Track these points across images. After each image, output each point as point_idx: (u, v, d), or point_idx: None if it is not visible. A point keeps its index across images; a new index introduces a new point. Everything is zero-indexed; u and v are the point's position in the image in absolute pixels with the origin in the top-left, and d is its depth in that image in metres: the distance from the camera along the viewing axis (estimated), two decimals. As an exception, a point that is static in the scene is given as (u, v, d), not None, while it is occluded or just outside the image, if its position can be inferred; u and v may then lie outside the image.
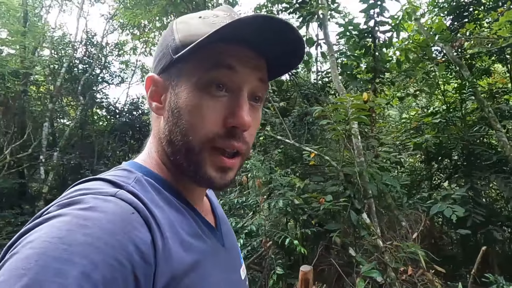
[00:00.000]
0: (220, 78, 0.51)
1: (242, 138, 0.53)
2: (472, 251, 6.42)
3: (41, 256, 0.34)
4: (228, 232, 0.67)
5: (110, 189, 0.46)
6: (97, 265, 0.36)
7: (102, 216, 0.40)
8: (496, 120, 4.53)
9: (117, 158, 9.03)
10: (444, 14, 6.72)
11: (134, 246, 0.40)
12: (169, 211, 0.50)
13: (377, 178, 3.41)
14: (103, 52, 9.10)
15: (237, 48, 0.51)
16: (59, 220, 0.39)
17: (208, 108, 0.51)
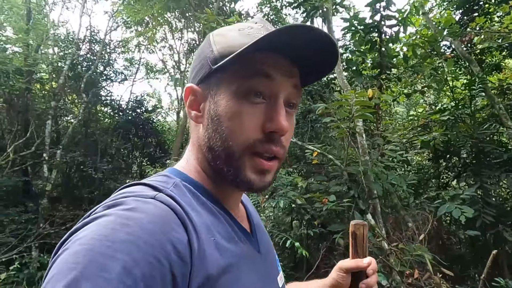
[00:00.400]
0: (258, 86, 0.54)
1: (280, 142, 0.55)
2: (481, 251, 6.27)
3: (89, 252, 0.38)
4: (264, 239, 0.68)
5: (150, 192, 0.49)
6: (137, 262, 0.38)
7: (142, 217, 0.43)
8: (507, 117, 4.37)
9: (121, 156, 9.03)
10: (453, 8, 6.53)
11: (172, 245, 0.42)
12: (205, 215, 0.52)
13: (382, 177, 3.29)
14: (107, 49, 9.05)
15: (273, 57, 0.54)
16: (104, 220, 0.42)
17: (247, 114, 0.53)
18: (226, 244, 0.52)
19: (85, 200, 7.91)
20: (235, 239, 0.55)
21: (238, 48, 0.51)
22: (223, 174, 0.56)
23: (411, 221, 3.60)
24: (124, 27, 9.20)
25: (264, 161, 0.55)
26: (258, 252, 0.61)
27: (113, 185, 8.07)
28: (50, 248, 6.78)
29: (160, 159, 8.24)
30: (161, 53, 15.48)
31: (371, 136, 4.00)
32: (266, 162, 0.55)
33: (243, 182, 0.55)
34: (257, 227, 0.69)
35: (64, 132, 8.18)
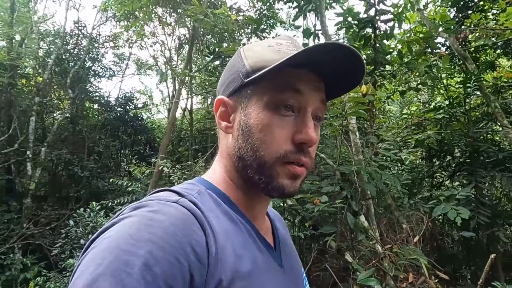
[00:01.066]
0: (288, 100, 0.56)
1: (308, 153, 0.58)
2: (474, 251, 6.23)
3: (114, 249, 0.41)
4: (289, 255, 0.69)
5: (174, 197, 0.52)
6: (158, 260, 0.41)
7: (165, 219, 0.46)
8: (503, 116, 4.28)
9: (109, 154, 8.79)
10: (448, 6, 6.45)
11: (191, 247, 0.45)
12: (225, 222, 0.54)
13: (376, 177, 3.16)
14: (95, 44, 8.79)
15: (303, 72, 0.57)
16: (130, 220, 0.46)
17: (277, 126, 0.56)
18: (243, 252, 0.53)
19: (71, 199, 7.69)
20: (254, 249, 0.56)
21: (269, 63, 0.55)
22: (254, 182, 0.58)
23: (405, 222, 3.49)
24: (113, 20, 8.95)
25: (296, 167, 0.57)
26: (280, 266, 0.62)
27: (101, 183, 7.86)
28: (34, 249, 6.56)
29: (149, 157, 8.04)
30: (152, 49, 15.26)
31: (365, 134, 3.87)
32: (298, 168, 0.57)
33: (275, 188, 0.57)
34: (283, 243, 0.69)
35: (50, 129, 7.92)
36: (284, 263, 0.63)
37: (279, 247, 0.66)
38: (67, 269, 4.14)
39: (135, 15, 8.04)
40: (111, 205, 4.16)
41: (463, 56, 4.82)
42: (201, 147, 7.09)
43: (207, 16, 3.69)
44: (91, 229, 4.04)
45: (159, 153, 5.01)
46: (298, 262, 0.73)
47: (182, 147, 7.41)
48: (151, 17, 7.09)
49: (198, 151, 6.27)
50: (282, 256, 0.64)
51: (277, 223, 0.74)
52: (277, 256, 0.63)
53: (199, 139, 7.99)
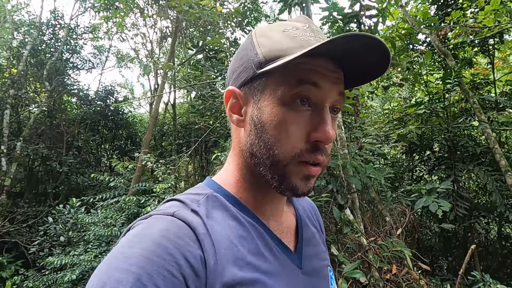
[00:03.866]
0: (304, 94, 0.52)
1: (325, 151, 0.54)
2: (450, 242, 6.45)
3: (108, 268, 0.42)
4: (314, 256, 0.65)
5: (172, 209, 0.51)
6: (151, 274, 0.40)
7: (156, 232, 0.46)
8: (480, 111, 4.42)
9: (89, 149, 8.55)
10: (429, 3, 6.58)
11: (185, 259, 0.44)
12: (231, 228, 0.53)
13: (361, 171, 3.21)
14: (73, 35, 8.48)
15: (321, 63, 0.52)
16: (124, 239, 0.47)
17: (292, 123, 0.53)
18: (250, 258, 0.51)
19: (49, 196, 7.44)
20: (263, 253, 0.54)
21: (284, 52, 0.52)
22: (267, 180, 0.56)
23: (388, 215, 3.56)
24: (92, 11, 8.65)
25: (311, 167, 0.54)
26: (300, 268, 0.60)
27: (81, 179, 7.64)
28: (10, 247, 6.33)
29: (131, 152, 7.87)
30: (133, 41, 14.89)
31: (349, 129, 3.91)
32: (313, 168, 0.54)
33: (288, 188, 0.55)
34: (307, 242, 0.66)
35: (26, 122, 7.62)
36: (305, 264, 0.61)
37: (301, 247, 0.63)
38: (46, 267, 4.01)
39: (115, 6, 7.81)
40: (92, 201, 4.04)
41: (444, 53, 4.93)
42: (185, 142, 7.00)
43: (192, 7, 3.61)
44: (71, 226, 3.92)
45: (142, 148, 4.89)
46: (324, 261, 0.70)
47: (165, 141, 7.29)
48: (132, 8, 6.89)
49: (182, 146, 6.17)
50: (303, 256, 0.62)
51: (307, 220, 0.72)
52: (296, 257, 0.61)
53: (182, 134, 7.89)
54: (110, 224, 3.60)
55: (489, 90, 6.10)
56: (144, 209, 3.49)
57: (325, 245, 0.77)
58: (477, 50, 6.46)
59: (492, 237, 7.08)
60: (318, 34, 0.56)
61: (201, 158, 7.53)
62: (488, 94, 5.90)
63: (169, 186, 3.43)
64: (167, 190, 3.44)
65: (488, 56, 6.29)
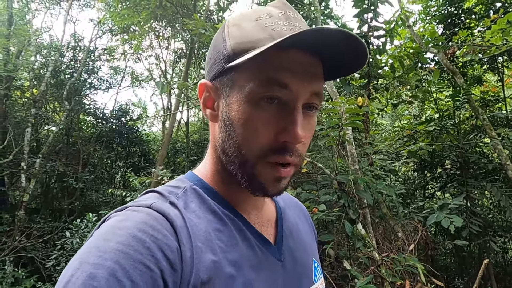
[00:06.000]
0: (272, 94, 0.49)
1: (295, 151, 0.52)
2: (466, 262, 6.32)
3: (82, 263, 0.40)
4: (295, 248, 0.64)
5: (150, 200, 0.50)
6: (126, 269, 0.39)
7: (133, 225, 0.44)
8: (491, 128, 4.45)
9: (104, 166, 8.76)
10: (436, 23, 6.72)
11: (162, 253, 0.42)
12: (208, 221, 0.51)
13: (372, 186, 3.26)
14: (91, 56, 8.88)
15: (293, 58, 0.49)
16: (99, 231, 0.45)
17: (260, 122, 0.50)
18: (227, 252, 0.50)
19: (65, 211, 7.61)
20: (241, 247, 0.53)
21: (254, 45, 0.49)
22: (237, 178, 0.54)
23: (400, 231, 3.57)
24: (109, 34, 9.07)
25: (280, 169, 0.52)
26: (279, 260, 0.58)
27: (95, 195, 7.81)
28: (26, 262, 6.45)
29: (144, 169, 8.04)
30: (147, 62, 15.39)
31: (359, 145, 3.98)
32: (282, 169, 0.52)
33: (258, 188, 0.54)
34: (288, 235, 0.65)
35: (44, 140, 7.90)
36: (285, 257, 0.60)
37: (281, 239, 0.62)
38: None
39: (131, 29, 8.17)
40: (109, 216, 4.16)
41: (452, 71, 5.01)
42: (198, 159, 7.15)
43: (207, 30, 3.81)
44: (89, 240, 4.03)
45: (158, 164, 5.04)
46: (307, 252, 0.68)
47: (179, 158, 7.45)
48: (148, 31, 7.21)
49: (195, 162, 6.31)
50: (284, 248, 0.61)
51: (288, 211, 0.71)
52: (276, 249, 0.59)
53: (194, 151, 8.06)
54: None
55: (499, 107, 6.12)
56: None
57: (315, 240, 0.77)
58: (486, 68, 6.52)
59: (510, 257, 6.92)
60: (293, 22, 0.52)
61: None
62: (499, 111, 5.92)
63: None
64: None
65: (498, 73, 6.34)
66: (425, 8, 6.83)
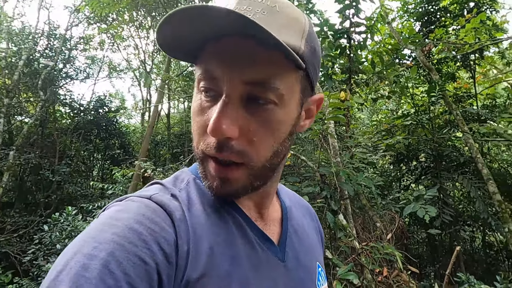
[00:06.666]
0: (206, 86, 0.48)
1: (229, 147, 0.47)
2: (438, 250, 6.66)
3: (76, 253, 0.38)
4: (300, 250, 0.61)
5: (151, 192, 0.49)
6: (121, 261, 0.38)
7: (130, 216, 0.43)
8: (463, 123, 4.67)
9: (81, 158, 8.54)
10: (413, 20, 6.93)
11: (158, 245, 0.41)
12: (207, 215, 0.50)
13: (353, 178, 3.37)
14: (67, 45, 8.56)
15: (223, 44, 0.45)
16: (96, 221, 0.44)
17: (200, 115, 0.49)
18: (224, 248, 0.48)
19: (40, 205, 7.39)
20: (240, 244, 0.50)
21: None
22: None
23: (379, 221, 3.72)
24: (86, 23, 8.78)
25: (217, 167, 0.48)
26: (282, 261, 0.56)
27: (73, 188, 7.62)
28: (0, 257, 6.25)
29: (124, 162, 7.90)
30: (125, 52, 15.00)
31: (341, 138, 4.09)
32: (221, 168, 0.48)
33: (207, 186, 0.51)
34: (293, 235, 0.62)
35: (18, 132, 7.60)
36: (288, 257, 0.57)
37: (284, 239, 0.59)
38: (42, 276, 4.02)
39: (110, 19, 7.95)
40: (90, 209, 4.09)
41: (428, 67, 5.20)
42: (181, 151, 7.10)
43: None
44: (69, 233, 3.96)
45: (139, 156, 4.99)
46: (312, 255, 0.66)
47: (162, 150, 7.37)
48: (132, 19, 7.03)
49: (178, 155, 6.26)
50: (287, 249, 0.58)
51: (295, 210, 0.68)
52: (278, 249, 0.57)
53: (175, 143, 7.98)
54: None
55: (471, 103, 6.42)
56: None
57: (320, 243, 0.74)
58: (459, 65, 6.80)
59: (477, 245, 7.33)
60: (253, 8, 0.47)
61: (194, 167, 7.61)
62: (471, 107, 6.21)
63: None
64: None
65: (470, 70, 6.62)
66: (403, 5, 7.01)
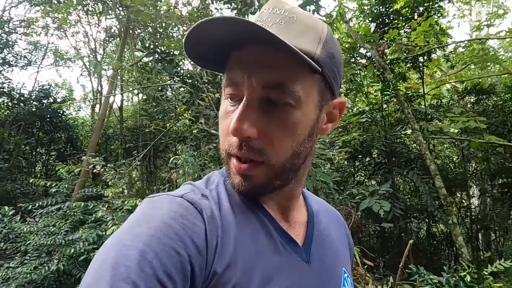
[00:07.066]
0: (230, 93, 0.53)
1: (249, 146, 0.51)
2: (387, 242, 7.01)
3: (116, 244, 0.43)
4: (325, 254, 0.63)
5: (183, 191, 0.53)
6: (157, 252, 0.41)
7: (164, 212, 0.47)
8: (414, 121, 4.90)
9: (21, 152, 7.81)
10: (369, 21, 7.16)
11: (190, 239, 0.45)
12: (234, 214, 0.53)
13: (312, 174, 3.38)
14: (4, 28, 7.74)
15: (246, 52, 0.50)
16: (133, 216, 0.48)
17: (225, 118, 0.54)
18: (249, 242, 0.51)
19: (-28, 205, 6.64)
20: (265, 243, 0.53)
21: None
22: None
23: (336, 216, 3.78)
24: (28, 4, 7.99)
25: (238, 164, 0.52)
26: (306, 262, 0.58)
27: (11, 186, 6.94)
28: None
29: (71, 157, 7.35)
30: (73, 39, 13.99)
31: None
32: (239, 164, 0.52)
33: (231, 184, 0.55)
34: (318, 238, 0.64)
35: None
36: (313, 259, 0.59)
37: (310, 242, 0.61)
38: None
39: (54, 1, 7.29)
40: (30, 209, 3.72)
41: (382, 67, 5.39)
42: (134, 146, 6.74)
43: (147, 7, 3.56)
44: (5, 236, 3.57)
45: (88, 151, 4.61)
46: (338, 261, 0.66)
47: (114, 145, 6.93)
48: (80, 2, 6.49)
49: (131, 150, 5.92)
50: (312, 251, 0.60)
51: (322, 216, 0.69)
52: (303, 250, 0.59)
53: (129, 138, 7.57)
54: (53, 233, 3.34)
55: (419, 103, 6.79)
56: (92, 216, 3.31)
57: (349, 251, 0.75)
58: (410, 66, 7.16)
59: (422, 235, 7.83)
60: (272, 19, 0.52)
61: (149, 163, 7.28)
62: (419, 106, 6.57)
63: (120, 191, 3.29)
64: (118, 195, 3.30)
65: (419, 72, 7.00)
66: (360, 6, 7.22)
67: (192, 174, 3.27)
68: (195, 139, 4.16)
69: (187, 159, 3.13)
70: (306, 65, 0.49)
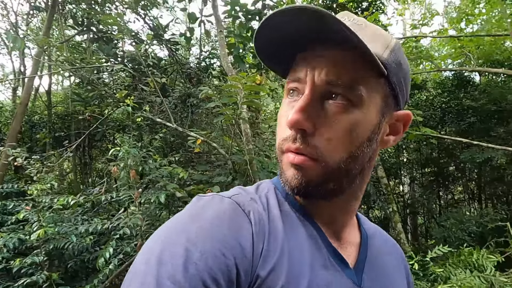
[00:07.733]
0: (291, 87, 0.53)
1: (304, 140, 0.49)
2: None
3: (163, 241, 0.43)
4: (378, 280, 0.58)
5: (232, 193, 0.52)
6: (203, 253, 0.41)
7: (213, 213, 0.47)
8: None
9: None
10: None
11: (237, 242, 0.44)
12: (283, 221, 0.52)
13: (265, 166, 3.27)
14: None
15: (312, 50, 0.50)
16: (181, 214, 0.48)
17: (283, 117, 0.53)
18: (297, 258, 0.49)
19: None
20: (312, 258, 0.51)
21: None
22: None
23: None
24: None
25: (290, 155, 0.50)
26: (358, 286, 0.54)
27: None
28: None
29: (-14, 147, 6.37)
30: (-12, 11, 12.21)
31: (252, 124, 3.96)
32: (295, 156, 0.50)
33: (284, 182, 0.52)
34: (372, 262, 0.59)
35: None
36: (364, 283, 0.55)
37: (362, 265, 0.58)
38: None
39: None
40: None
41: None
42: (65, 135, 6.01)
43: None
44: None
45: (7, 141, 3.94)
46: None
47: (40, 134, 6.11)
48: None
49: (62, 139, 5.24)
50: (364, 275, 0.56)
51: (376, 241, 0.65)
52: (354, 273, 0.55)
53: (59, 126, 6.77)
54: (-40, 238, 2.78)
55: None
56: (13, 217, 2.83)
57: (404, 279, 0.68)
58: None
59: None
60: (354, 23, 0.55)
61: (83, 153, 6.60)
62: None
63: (48, 187, 2.85)
64: (45, 192, 2.86)
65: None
66: (307, -3, 7.24)
67: (135, 167, 2.95)
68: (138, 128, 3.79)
69: (129, 150, 2.80)
70: (373, 67, 0.48)
